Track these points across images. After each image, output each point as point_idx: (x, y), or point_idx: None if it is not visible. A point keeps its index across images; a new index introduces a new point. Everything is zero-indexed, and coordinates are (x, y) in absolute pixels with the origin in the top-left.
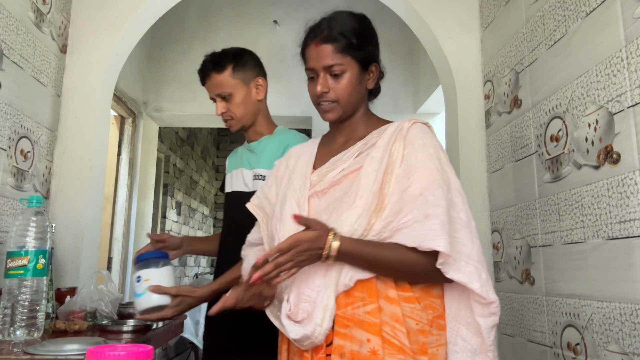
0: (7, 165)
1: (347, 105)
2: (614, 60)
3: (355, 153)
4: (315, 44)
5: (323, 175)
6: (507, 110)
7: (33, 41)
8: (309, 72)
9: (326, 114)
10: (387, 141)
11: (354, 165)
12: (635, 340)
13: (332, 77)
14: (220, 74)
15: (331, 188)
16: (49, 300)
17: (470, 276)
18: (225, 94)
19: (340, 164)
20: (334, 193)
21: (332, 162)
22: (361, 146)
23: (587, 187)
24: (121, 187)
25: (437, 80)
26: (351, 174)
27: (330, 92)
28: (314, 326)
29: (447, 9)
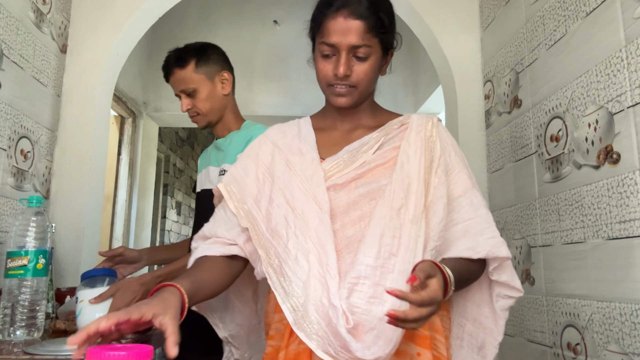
0: (7, 165)
1: (364, 92)
2: (614, 60)
3: (375, 145)
4: (344, 17)
5: (341, 166)
6: (507, 110)
7: (33, 41)
8: (325, 48)
9: (340, 99)
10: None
11: (380, 159)
12: (635, 340)
13: (355, 59)
14: (183, 70)
15: (352, 182)
16: (49, 300)
17: (512, 275)
18: (189, 89)
19: (361, 156)
20: (357, 187)
21: (347, 151)
22: (380, 137)
23: (587, 187)
24: (121, 187)
25: (437, 80)
26: (378, 168)
27: (352, 76)
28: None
29: (447, 9)
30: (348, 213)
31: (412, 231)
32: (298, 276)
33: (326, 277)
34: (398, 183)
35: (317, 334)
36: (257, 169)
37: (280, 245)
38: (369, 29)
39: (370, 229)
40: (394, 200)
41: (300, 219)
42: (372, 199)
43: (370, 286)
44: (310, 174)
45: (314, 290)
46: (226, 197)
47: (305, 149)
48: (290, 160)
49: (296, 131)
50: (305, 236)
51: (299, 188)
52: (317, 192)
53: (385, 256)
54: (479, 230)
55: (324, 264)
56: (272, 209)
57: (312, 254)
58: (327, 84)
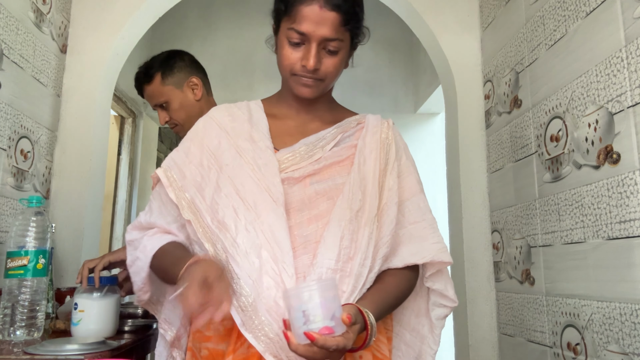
0: (7, 165)
1: (328, 86)
2: (614, 60)
3: (332, 141)
4: (319, 6)
5: (297, 159)
6: (507, 110)
7: (33, 41)
8: (294, 35)
9: (304, 89)
10: (375, 139)
11: (336, 156)
12: (635, 340)
13: (325, 52)
14: (151, 85)
15: (308, 177)
16: (49, 300)
17: (446, 284)
18: (161, 102)
19: (318, 151)
20: (312, 184)
21: (304, 144)
22: (338, 134)
23: (587, 187)
24: (121, 187)
25: (437, 80)
26: (334, 166)
27: (320, 69)
28: None
29: (447, 9)
30: (303, 210)
31: (366, 234)
32: (248, 273)
33: (282, 275)
34: (356, 184)
35: (266, 336)
36: (202, 154)
37: (228, 239)
38: (344, 22)
39: (331, 230)
40: (352, 201)
41: (252, 212)
42: (330, 198)
43: None
44: (262, 164)
45: (267, 289)
46: (165, 185)
47: (257, 136)
48: (241, 147)
49: (247, 115)
50: (257, 230)
51: (250, 177)
52: (272, 183)
53: (344, 259)
54: (424, 235)
55: (279, 261)
56: (220, 198)
57: (264, 249)
58: (291, 73)
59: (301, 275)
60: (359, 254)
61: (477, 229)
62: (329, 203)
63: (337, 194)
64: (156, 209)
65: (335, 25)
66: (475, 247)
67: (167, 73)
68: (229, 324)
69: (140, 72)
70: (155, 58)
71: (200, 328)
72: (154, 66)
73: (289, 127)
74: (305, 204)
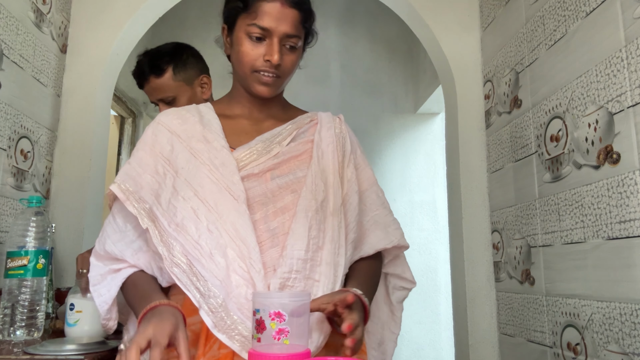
0: (7, 165)
1: (284, 84)
2: (614, 60)
3: (289, 137)
4: (281, 3)
5: (254, 155)
6: (507, 110)
7: (33, 41)
8: (256, 30)
9: (265, 87)
10: (331, 134)
11: (294, 151)
12: (635, 340)
13: (285, 48)
14: (160, 78)
15: (268, 172)
16: (49, 300)
17: (404, 267)
18: (168, 98)
19: (275, 146)
20: (273, 178)
21: (260, 141)
22: (293, 130)
23: (587, 187)
24: None
25: (437, 80)
26: (293, 160)
27: (281, 65)
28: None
29: (447, 9)
30: (267, 204)
31: (335, 223)
32: (214, 274)
33: (250, 271)
34: (318, 176)
35: (240, 335)
36: (156, 162)
37: (189, 242)
38: (302, 21)
39: (298, 222)
40: (317, 192)
41: (214, 212)
42: (294, 190)
43: (302, 280)
44: (219, 163)
45: (236, 287)
46: (123, 199)
47: (211, 136)
48: (195, 149)
49: (197, 117)
50: (221, 230)
51: (208, 178)
52: (231, 182)
53: (313, 249)
54: (387, 222)
55: (246, 257)
56: (177, 202)
57: (229, 248)
58: (252, 69)
59: (270, 268)
60: (329, 243)
61: (477, 229)
62: (294, 195)
63: (299, 186)
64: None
65: (295, 22)
66: (475, 247)
67: (180, 68)
68: (197, 327)
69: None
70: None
71: None
72: (164, 59)
73: (243, 126)
74: (269, 198)
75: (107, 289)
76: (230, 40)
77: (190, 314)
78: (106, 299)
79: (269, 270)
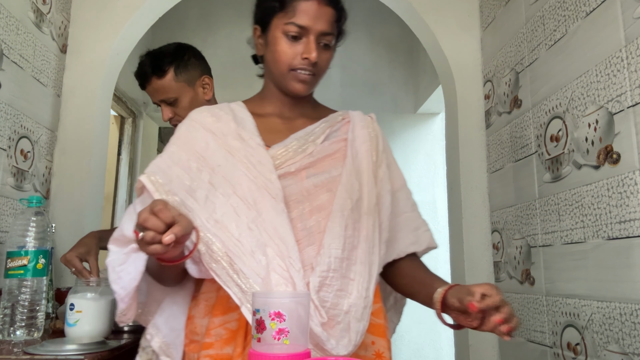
0: (7, 165)
1: (318, 82)
2: (614, 60)
3: (322, 135)
4: (318, 1)
5: (290, 153)
6: (507, 110)
7: (33, 41)
8: (293, 29)
9: (301, 85)
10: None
11: (328, 150)
12: (635, 340)
13: (320, 46)
14: (162, 79)
15: (303, 170)
16: (49, 300)
17: None
18: (170, 99)
19: (309, 145)
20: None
21: (295, 139)
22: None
23: (587, 187)
24: (121, 187)
25: (437, 80)
26: (327, 159)
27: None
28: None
29: (447, 9)
30: (303, 202)
31: (369, 222)
32: (256, 272)
33: (290, 270)
34: (352, 175)
35: None
36: (189, 158)
37: (230, 239)
38: (336, 19)
39: (335, 220)
40: (352, 191)
41: (253, 210)
42: (329, 189)
43: (338, 279)
44: (256, 161)
45: (276, 285)
46: (151, 190)
47: (245, 134)
48: (231, 146)
49: (230, 115)
50: (260, 228)
51: (245, 176)
52: (269, 180)
53: (349, 248)
54: (417, 224)
55: (285, 256)
56: (216, 198)
57: (269, 247)
58: (289, 68)
59: (308, 267)
60: (363, 242)
61: (477, 229)
62: (329, 194)
63: (335, 185)
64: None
65: (331, 20)
66: (475, 247)
67: (181, 69)
68: (234, 325)
69: (147, 64)
70: (164, 50)
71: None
72: (166, 60)
73: (276, 124)
74: (305, 197)
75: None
76: (263, 41)
77: (225, 312)
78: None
79: (307, 269)
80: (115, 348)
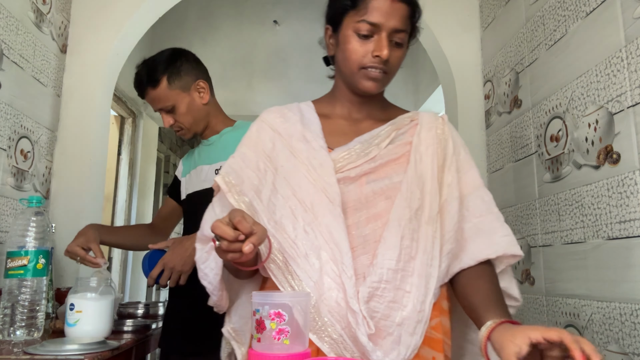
0: (7, 165)
1: (390, 80)
2: (614, 60)
3: (387, 138)
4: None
5: (353, 157)
6: (507, 110)
7: (33, 41)
8: (365, 27)
9: (371, 83)
10: (431, 135)
11: (392, 154)
12: (635, 340)
13: (391, 44)
14: (157, 89)
15: (364, 176)
16: (49, 300)
17: (510, 282)
18: (167, 107)
19: (373, 148)
20: (368, 183)
21: (359, 142)
22: (392, 131)
23: (587, 187)
24: (121, 187)
25: (437, 80)
26: (390, 164)
27: (389, 60)
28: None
29: (447, 9)
30: (361, 209)
31: (429, 233)
32: (309, 275)
33: (342, 276)
34: (414, 182)
35: (330, 337)
36: (258, 158)
37: (287, 240)
38: (410, 15)
39: (391, 230)
40: (412, 200)
41: (310, 213)
42: (388, 197)
43: (391, 290)
44: (317, 164)
45: (328, 290)
46: (225, 190)
47: (310, 136)
48: (295, 148)
49: (298, 116)
50: (316, 232)
51: (306, 178)
52: (327, 184)
53: (405, 259)
54: (493, 228)
55: (338, 262)
56: (276, 200)
57: (324, 251)
58: (360, 66)
59: (360, 276)
60: (421, 253)
61: None
62: (387, 202)
63: (394, 192)
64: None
65: (404, 16)
66: None
67: (174, 77)
68: None
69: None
70: (157, 59)
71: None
72: (159, 69)
73: (342, 126)
74: (363, 204)
75: (215, 262)
76: (334, 41)
77: None
78: (217, 270)
79: (359, 277)
80: (115, 348)
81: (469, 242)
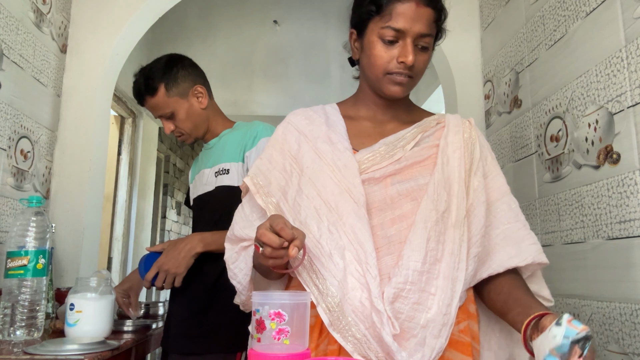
0: (7, 165)
1: (415, 84)
2: (614, 60)
3: (412, 141)
4: (416, 3)
5: (377, 159)
6: (507, 110)
7: (33, 41)
8: (389, 32)
9: (397, 87)
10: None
11: (417, 156)
12: (635, 340)
13: (417, 48)
14: (155, 97)
15: (389, 177)
16: (49, 300)
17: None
18: (166, 114)
19: (398, 150)
20: (393, 184)
21: (384, 144)
22: (417, 133)
23: (587, 187)
24: (121, 187)
25: (437, 80)
26: (415, 166)
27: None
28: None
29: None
30: (386, 210)
31: (456, 236)
32: (333, 274)
33: (366, 276)
34: (441, 184)
35: (354, 337)
36: (284, 159)
37: (311, 240)
38: (435, 19)
39: (417, 232)
40: (438, 202)
41: (334, 213)
42: (414, 198)
43: (416, 292)
44: (342, 165)
45: (352, 289)
46: (253, 191)
47: (335, 137)
48: (320, 149)
49: (323, 118)
50: (340, 232)
51: (330, 179)
52: (352, 185)
53: (431, 261)
54: (520, 236)
55: (362, 262)
56: (301, 200)
57: (348, 251)
58: (385, 72)
59: (385, 276)
60: (448, 256)
61: None
62: (413, 204)
63: (420, 194)
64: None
65: (430, 21)
66: None
67: (172, 84)
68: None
69: (140, 83)
70: (154, 67)
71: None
72: (156, 77)
73: (367, 128)
74: (388, 204)
75: (245, 263)
76: (359, 45)
77: None
78: (246, 271)
79: (384, 278)
80: (115, 348)
81: (497, 248)
